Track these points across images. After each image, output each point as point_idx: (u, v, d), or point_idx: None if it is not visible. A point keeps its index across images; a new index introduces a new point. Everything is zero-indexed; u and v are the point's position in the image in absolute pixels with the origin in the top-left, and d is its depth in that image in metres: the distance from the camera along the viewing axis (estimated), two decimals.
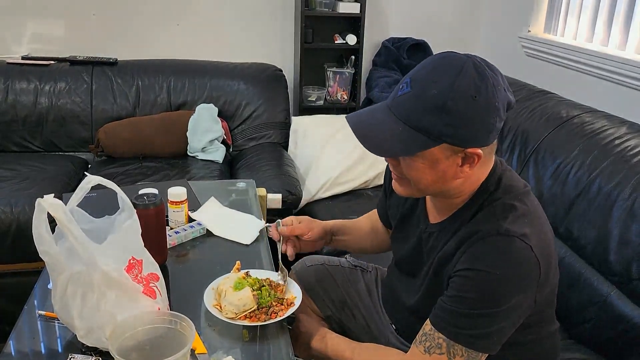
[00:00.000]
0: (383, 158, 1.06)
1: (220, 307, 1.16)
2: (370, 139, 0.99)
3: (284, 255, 1.34)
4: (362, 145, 1.01)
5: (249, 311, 1.14)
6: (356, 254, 1.61)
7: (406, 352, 1.10)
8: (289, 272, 1.37)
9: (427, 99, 0.94)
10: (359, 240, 1.46)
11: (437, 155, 0.97)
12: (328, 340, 1.24)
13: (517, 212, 1.02)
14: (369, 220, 1.47)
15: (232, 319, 1.13)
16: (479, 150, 0.98)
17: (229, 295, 1.15)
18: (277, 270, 1.31)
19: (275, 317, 1.14)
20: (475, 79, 0.94)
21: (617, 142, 1.68)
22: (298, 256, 1.47)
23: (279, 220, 1.38)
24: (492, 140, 1.00)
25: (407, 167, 1.01)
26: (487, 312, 0.98)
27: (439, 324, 1.02)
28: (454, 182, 1.03)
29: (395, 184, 1.09)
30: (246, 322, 1.13)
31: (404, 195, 1.10)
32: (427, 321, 1.05)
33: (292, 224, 1.36)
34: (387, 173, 1.32)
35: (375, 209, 1.47)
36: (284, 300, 1.19)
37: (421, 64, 1.01)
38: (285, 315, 1.16)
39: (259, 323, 1.13)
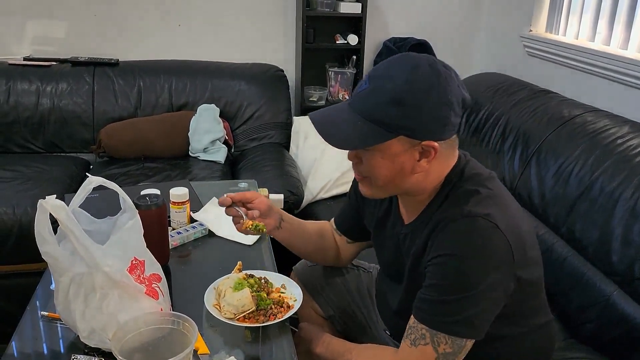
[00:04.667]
0: None
1: (220, 307, 1.16)
2: (331, 134, 1.02)
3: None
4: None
5: (248, 312, 1.14)
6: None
7: None
8: (289, 274, 1.37)
9: (383, 93, 0.99)
10: (302, 236, 1.40)
11: (394, 148, 1.01)
12: (329, 345, 1.25)
13: (480, 195, 1.04)
14: (317, 225, 1.45)
15: (230, 319, 1.13)
16: (435, 144, 1.01)
17: (228, 296, 1.15)
18: (278, 272, 1.31)
19: (274, 319, 1.14)
20: (429, 74, 0.99)
21: (619, 141, 1.68)
22: (296, 258, 1.48)
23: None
24: (448, 134, 1.03)
25: (367, 163, 1.05)
26: (463, 296, 0.99)
27: (420, 315, 1.03)
28: (413, 178, 1.06)
29: (360, 187, 1.13)
30: (244, 323, 1.13)
31: (369, 197, 1.14)
32: (412, 314, 1.06)
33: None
34: (355, 183, 1.33)
35: (328, 221, 1.46)
36: (284, 302, 1.19)
37: (379, 63, 1.05)
38: (284, 317, 1.15)
39: (257, 324, 1.13)
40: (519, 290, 1.05)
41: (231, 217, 1.28)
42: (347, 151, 1.09)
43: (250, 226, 1.25)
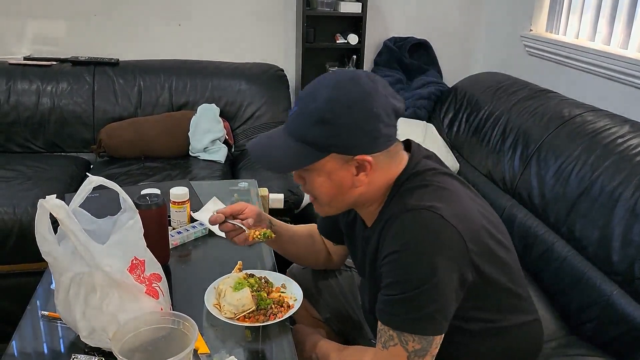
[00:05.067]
0: None
1: (220, 307, 1.16)
2: (265, 160, 1.07)
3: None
4: None
5: (248, 312, 1.14)
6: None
7: None
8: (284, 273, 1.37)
9: (309, 113, 1.01)
10: (293, 240, 1.40)
11: (329, 166, 1.03)
12: (319, 347, 1.24)
13: (425, 189, 1.04)
14: (306, 228, 1.45)
15: (231, 319, 1.13)
16: (368, 157, 1.02)
17: (228, 295, 1.15)
18: (277, 270, 1.31)
19: (274, 319, 1.14)
20: (351, 90, 1.00)
21: (619, 141, 1.67)
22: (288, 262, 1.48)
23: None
24: (382, 145, 1.04)
25: (309, 183, 1.08)
26: (419, 292, 0.97)
27: (383, 317, 1.03)
28: (355, 192, 1.07)
29: (314, 207, 1.15)
30: (245, 323, 1.13)
31: (323, 215, 1.16)
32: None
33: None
34: None
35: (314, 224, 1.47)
36: (284, 302, 1.19)
37: (307, 85, 1.07)
38: (285, 317, 1.15)
39: (258, 324, 1.13)
40: (483, 283, 1.03)
41: (224, 233, 1.28)
42: None
43: (258, 235, 1.25)
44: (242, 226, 1.25)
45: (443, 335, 1.02)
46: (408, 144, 1.14)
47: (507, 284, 1.10)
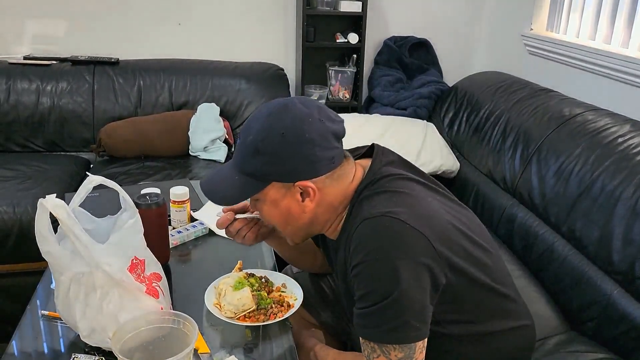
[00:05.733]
0: None
1: (220, 307, 1.16)
2: (213, 192, 1.08)
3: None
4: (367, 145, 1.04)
5: (248, 311, 1.14)
6: None
7: None
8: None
9: (246, 146, 1.03)
10: (311, 251, 1.39)
11: (273, 195, 1.05)
12: (316, 352, 1.23)
13: (381, 196, 1.02)
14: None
15: (231, 318, 1.13)
16: (309, 183, 1.02)
17: (228, 295, 1.15)
18: (277, 270, 1.31)
19: (274, 318, 1.14)
20: (281, 118, 1.01)
21: (620, 140, 1.67)
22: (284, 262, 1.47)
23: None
24: (323, 169, 1.03)
25: (262, 214, 1.11)
26: (389, 301, 0.95)
27: (362, 332, 1.01)
28: (306, 217, 1.07)
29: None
30: (245, 322, 1.12)
31: (292, 244, 1.18)
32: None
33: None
34: None
35: None
36: (284, 301, 1.19)
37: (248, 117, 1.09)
38: (285, 317, 1.15)
39: (258, 323, 1.13)
40: (461, 283, 1.01)
41: (234, 234, 1.23)
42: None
43: None
44: (255, 216, 1.20)
45: (425, 339, 0.99)
46: (371, 150, 1.13)
47: (491, 283, 1.08)
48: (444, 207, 1.06)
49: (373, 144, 1.14)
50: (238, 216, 1.21)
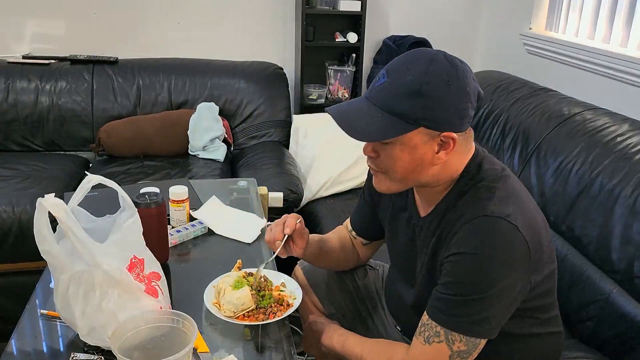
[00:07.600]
0: None
1: (219, 306, 1.16)
2: (352, 127, 1.02)
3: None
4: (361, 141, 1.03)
5: (248, 310, 1.14)
6: None
7: None
8: (290, 272, 1.37)
9: (403, 85, 0.99)
10: (327, 255, 1.39)
11: (414, 140, 1.01)
12: (338, 336, 1.24)
13: (500, 193, 1.03)
14: (337, 237, 1.43)
15: (230, 317, 1.13)
16: (454, 135, 1.01)
17: (227, 294, 1.15)
18: (278, 270, 1.31)
19: (274, 318, 1.14)
20: (447, 66, 1.00)
21: (619, 139, 1.67)
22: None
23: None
24: (465, 126, 1.04)
25: (386, 156, 1.04)
26: (480, 296, 0.98)
27: (434, 314, 1.03)
28: (431, 170, 1.05)
29: (375, 182, 1.12)
30: (244, 322, 1.12)
31: (384, 191, 1.13)
32: (425, 312, 1.06)
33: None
34: (369, 180, 1.32)
35: (340, 226, 1.45)
36: (283, 301, 1.19)
37: (395, 59, 1.05)
38: (284, 316, 1.15)
39: (257, 322, 1.13)
40: (532, 288, 1.05)
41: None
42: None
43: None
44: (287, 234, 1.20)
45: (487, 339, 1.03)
46: None
47: (554, 287, 1.13)
48: (539, 214, 1.10)
49: None
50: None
